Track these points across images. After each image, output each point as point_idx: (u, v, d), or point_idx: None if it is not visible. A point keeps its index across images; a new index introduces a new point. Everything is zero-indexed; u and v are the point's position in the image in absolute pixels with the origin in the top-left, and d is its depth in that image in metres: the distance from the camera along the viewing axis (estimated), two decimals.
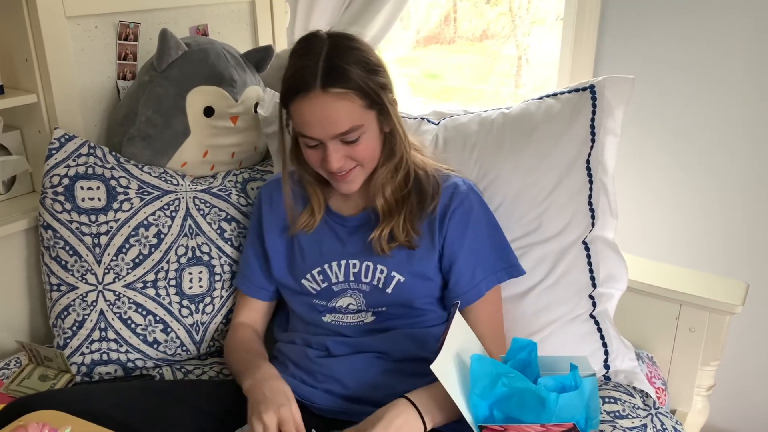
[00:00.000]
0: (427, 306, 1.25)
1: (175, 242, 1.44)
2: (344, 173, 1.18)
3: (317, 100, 1.10)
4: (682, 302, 1.49)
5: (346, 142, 1.14)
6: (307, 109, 1.11)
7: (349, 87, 1.10)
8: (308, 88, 1.09)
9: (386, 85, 1.16)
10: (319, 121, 1.11)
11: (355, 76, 1.10)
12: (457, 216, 1.22)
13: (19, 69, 1.53)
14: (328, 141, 1.13)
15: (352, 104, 1.11)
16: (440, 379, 0.99)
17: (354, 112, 1.12)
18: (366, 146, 1.16)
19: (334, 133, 1.12)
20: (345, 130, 1.12)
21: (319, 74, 1.09)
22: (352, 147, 1.15)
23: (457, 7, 2.88)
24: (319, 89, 1.09)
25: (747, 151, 1.83)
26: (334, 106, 1.10)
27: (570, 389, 0.98)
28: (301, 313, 1.31)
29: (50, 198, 1.41)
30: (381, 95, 1.14)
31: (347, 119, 1.11)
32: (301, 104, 1.11)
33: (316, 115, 1.10)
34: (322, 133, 1.12)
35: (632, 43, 1.91)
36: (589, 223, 1.37)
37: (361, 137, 1.14)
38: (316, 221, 1.28)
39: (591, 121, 1.37)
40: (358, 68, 1.11)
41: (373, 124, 1.16)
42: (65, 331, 1.39)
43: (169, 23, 1.68)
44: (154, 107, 1.49)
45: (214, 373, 1.43)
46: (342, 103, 1.10)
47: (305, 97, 1.10)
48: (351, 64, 1.10)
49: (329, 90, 1.09)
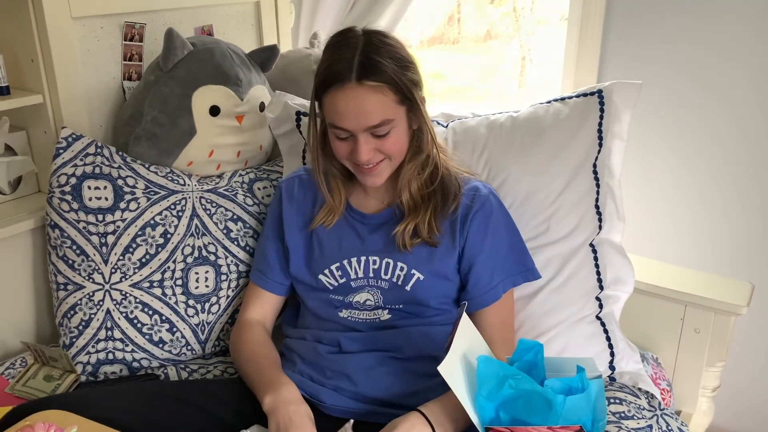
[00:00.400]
0: (442, 306, 1.27)
1: (181, 242, 1.44)
2: (372, 166, 1.20)
3: (352, 92, 1.12)
4: (687, 303, 1.49)
5: (376, 135, 1.16)
6: (342, 100, 1.13)
7: (383, 81, 1.12)
8: (344, 80, 1.12)
9: (417, 82, 1.19)
10: (352, 112, 1.13)
11: (389, 71, 1.12)
12: (478, 218, 1.25)
13: (24, 69, 1.53)
14: (359, 133, 1.15)
15: (385, 98, 1.13)
16: (447, 381, 0.99)
17: (386, 106, 1.14)
18: (395, 141, 1.18)
19: (366, 125, 1.14)
20: (377, 123, 1.14)
21: (355, 67, 1.11)
22: (381, 141, 1.17)
23: (461, 8, 2.88)
24: (355, 81, 1.11)
25: (752, 152, 1.83)
26: (368, 98, 1.12)
27: (577, 391, 0.99)
28: (315, 309, 1.31)
29: (57, 197, 1.41)
30: (412, 91, 1.17)
31: (379, 112, 1.14)
32: (336, 95, 1.13)
33: (350, 106, 1.13)
34: (354, 124, 1.14)
35: (637, 44, 1.90)
36: (597, 226, 1.38)
37: (391, 132, 1.17)
38: (336, 217, 1.29)
39: (599, 126, 1.38)
40: (392, 63, 1.13)
41: (402, 120, 1.18)
42: (71, 330, 1.39)
43: (175, 24, 1.69)
44: (160, 107, 1.49)
45: (218, 372, 1.43)
46: (375, 96, 1.12)
47: (340, 88, 1.12)
48: (385, 58, 1.13)
49: (364, 83, 1.11)
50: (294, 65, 1.78)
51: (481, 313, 1.26)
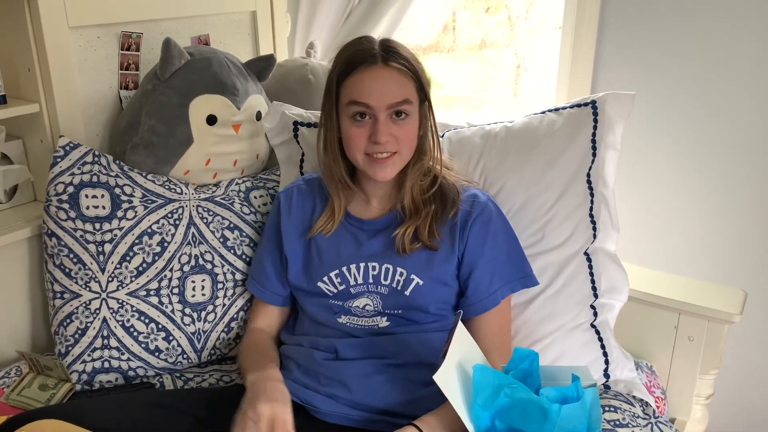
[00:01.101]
0: (441, 312, 1.28)
1: (178, 250, 1.45)
2: (386, 156, 1.22)
3: (379, 71, 1.19)
4: (680, 311, 1.50)
5: (396, 115, 1.20)
6: (368, 78, 1.19)
7: (407, 67, 1.20)
8: (370, 62, 1.19)
9: (429, 83, 1.25)
10: (378, 88, 1.18)
11: (411, 60, 1.21)
12: (477, 225, 1.26)
13: (21, 79, 1.53)
14: (381, 112, 1.19)
15: (408, 81, 1.20)
16: (443, 389, 1.00)
17: (409, 88, 1.21)
18: (410, 129, 1.23)
19: (390, 101, 1.19)
20: (400, 99, 1.19)
21: (379, 53, 1.19)
22: (398, 126, 1.21)
23: (456, 16, 2.90)
24: (381, 63, 1.19)
25: (745, 160, 1.84)
26: (394, 77, 1.19)
27: (572, 400, 0.99)
28: (314, 314, 1.32)
29: (55, 206, 1.41)
30: (426, 89, 1.23)
31: (403, 90, 1.20)
32: (362, 74, 1.19)
33: (377, 82, 1.19)
34: (379, 100, 1.18)
35: (630, 52, 1.92)
36: (591, 235, 1.39)
37: (408, 119, 1.22)
38: (335, 224, 1.31)
39: (592, 136, 1.40)
40: (411, 57, 1.22)
41: (416, 112, 1.23)
42: (67, 338, 1.39)
43: (172, 33, 1.69)
44: (157, 116, 1.50)
45: (213, 380, 1.44)
46: (400, 76, 1.20)
47: (367, 68, 1.19)
48: (405, 51, 1.22)
49: (390, 64, 1.19)
50: (290, 74, 1.79)
51: (480, 319, 1.27)
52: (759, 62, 1.76)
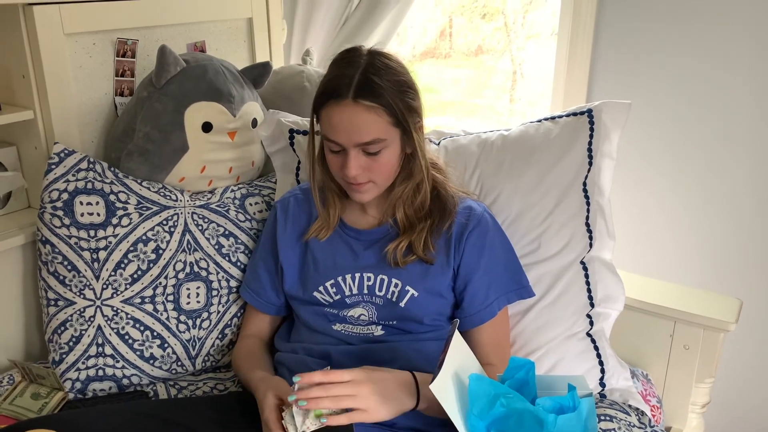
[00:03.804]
0: (435, 322, 1.28)
1: (173, 257, 1.44)
2: (359, 183, 1.21)
3: (347, 108, 1.15)
4: (676, 319, 1.50)
5: (367, 153, 1.18)
6: (337, 115, 1.16)
7: (378, 103, 1.15)
8: (340, 96, 1.15)
9: (414, 109, 1.20)
10: (345, 127, 1.16)
11: (386, 93, 1.15)
12: (474, 237, 1.26)
13: (16, 85, 1.53)
14: (351, 148, 1.17)
15: (379, 118, 1.16)
16: (439, 399, 0.99)
17: (379, 125, 1.16)
18: (385, 162, 1.20)
19: (357, 141, 1.16)
20: (368, 140, 1.16)
21: (353, 86, 1.14)
22: (372, 159, 1.19)
23: (452, 22, 2.90)
24: (350, 99, 1.14)
25: (740, 169, 1.85)
26: (362, 116, 1.15)
27: (568, 410, 0.99)
28: (309, 322, 1.32)
29: (49, 213, 1.41)
30: (407, 117, 1.18)
31: (372, 131, 1.16)
32: (332, 110, 1.16)
33: (344, 121, 1.15)
34: (346, 139, 1.16)
35: (626, 59, 1.92)
36: (587, 244, 1.39)
37: (382, 151, 1.19)
38: (329, 230, 1.31)
39: (588, 145, 1.40)
40: (390, 86, 1.16)
41: (395, 142, 1.20)
42: (61, 346, 1.39)
43: (167, 40, 1.69)
44: (152, 123, 1.50)
45: (208, 388, 1.43)
46: (369, 115, 1.15)
47: (336, 104, 1.15)
48: (384, 81, 1.15)
49: (359, 101, 1.14)
50: (286, 82, 1.79)
51: (477, 330, 1.27)
52: (755, 70, 1.77)
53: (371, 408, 1.03)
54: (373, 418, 1.04)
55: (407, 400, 1.08)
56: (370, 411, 1.03)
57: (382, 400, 1.04)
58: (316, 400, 1.02)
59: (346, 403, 1.03)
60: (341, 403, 1.03)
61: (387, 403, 1.05)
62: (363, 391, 1.03)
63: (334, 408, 1.03)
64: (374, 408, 1.04)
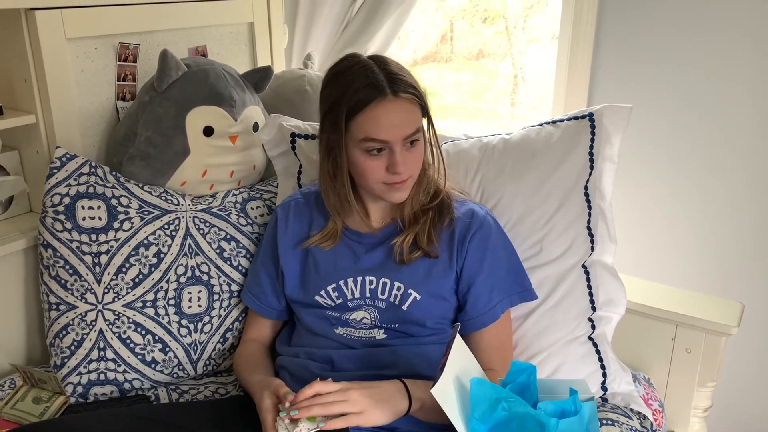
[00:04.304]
0: (438, 326, 1.28)
1: (174, 262, 1.44)
2: (403, 180, 1.21)
3: (392, 104, 1.16)
4: (678, 323, 1.50)
5: (410, 142, 1.20)
6: (383, 113, 1.16)
7: (413, 93, 1.18)
8: (380, 96, 1.15)
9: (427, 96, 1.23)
10: (393, 123, 1.16)
11: (414, 84, 1.19)
12: (476, 239, 1.26)
13: (18, 90, 1.53)
14: (396, 144, 1.18)
15: (416, 108, 1.19)
16: (440, 403, 0.99)
17: (417, 115, 1.20)
18: (419, 153, 1.23)
19: (404, 134, 1.18)
20: (413, 131, 1.18)
21: (386, 83, 1.16)
22: (411, 152, 1.20)
23: (453, 26, 2.91)
24: (392, 95, 1.16)
25: (741, 173, 1.85)
26: (406, 108, 1.17)
27: (570, 414, 0.99)
28: (310, 325, 1.32)
29: (51, 217, 1.41)
30: (427, 106, 1.22)
31: (414, 121, 1.19)
32: (376, 110, 1.16)
33: (391, 118, 1.16)
34: (395, 135, 1.17)
35: (627, 64, 1.92)
36: (589, 248, 1.39)
37: (417, 143, 1.21)
38: (336, 240, 1.31)
39: (590, 149, 1.40)
40: (410, 78, 1.19)
41: (422, 132, 1.23)
42: (63, 350, 1.39)
43: (169, 44, 1.69)
44: (153, 127, 1.50)
45: (209, 392, 1.43)
46: (411, 106, 1.18)
47: (379, 103, 1.15)
48: (405, 74, 1.19)
49: (400, 95, 1.16)
50: (288, 86, 1.79)
51: (480, 334, 1.27)
52: (756, 75, 1.77)
53: (366, 410, 1.05)
54: (369, 420, 1.06)
55: (400, 401, 1.09)
56: (365, 413, 1.05)
57: (374, 402, 1.06)
58: (308, 408, 1.03)
59: (339, 408, 1.04)
60: (333, 408, 1.04)
61: (380, 406, 1.07)
62: (354, 395, 1.05)
63: (327, 414, 1.04)
64: (369, 410, 1.05)
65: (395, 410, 1.09)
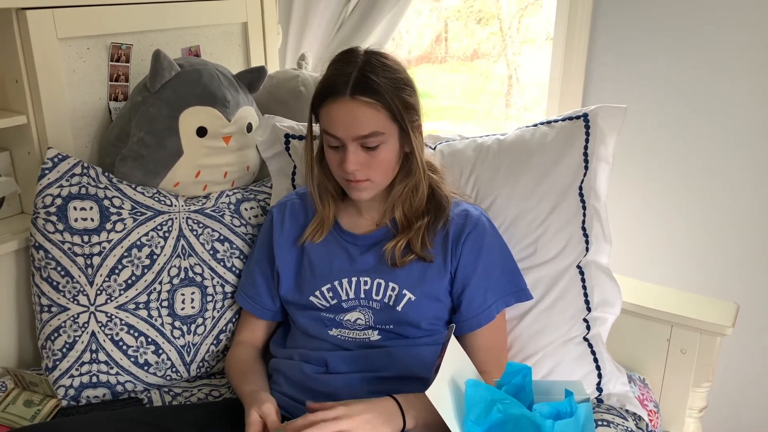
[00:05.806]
0: (432, 327, 1.27)
1: (167, 263, 1.43)
2: (359, 180, 1.22)
3: (346, 104, 1.17)
4: (673, 324, 1.50)
5: (366, 147, 1.19)
6: (335, 110, 1.18)
7: (376, 99, 1.16)
8: (338, 93, 1.16)
9: (412, 105, 1.22)
10: (344, 121, 1.17)
11: (383, 91, 1.16)
12: (471, 240, 1.26)
13: (9, 90, 1.52)
14: (350, 143, 1.18)
15: (377, 113, 1.17)
16: (435, 405, 0.99)
17: (377, 119, 1.18)
18: (383, 158, 1.21)
19: (355, 134, 1.17)
20: (366, 133, 1.17)
21: (351, 83, 1.16)
22: (370, 155, 1.20)
23: (448, 27, 2.91)
24: (348, 96, 1.16)
25: (736, 173, 1.85)
26: (360, 110, 1.17)
27: (565, 416, 0.98)
28: (305, 327, 1.32)
29: (42, 218, 1.40)
30: (404, 114, 1.20)
31: (370, 124, 1.17)
32: (330, 106, 1.18)
33: (342, 116, 1.17)
34: (345, 133, 1.18)
35: (622, 64, 1.93)
36: (584, 248, 1.39)
37: (381, 147, 1.20)
38: (324, 233, 1.31)
39: (584, 149, 1.40)
40: (387, 83, 1.17)
41: (393, 138, 1.21)
42: (55, 353, 1.38)
43: (162, 45, 1.69)
44: (146, 128, 1.49)
45: (202, 395, 1.42)
46: (367, 109, 1.17)
47: (335, 101, 1.17)
48: (381, 78, 1.17)
49: (357, 98, 1.16)
50: (281, 86, 1.79)
51: (475, 334, 1.26)
52: (752, 74, 1.77)
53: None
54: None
55: (395, 418, 1.08)
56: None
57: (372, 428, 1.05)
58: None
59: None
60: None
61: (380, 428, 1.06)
62: (354, 422, 1.03)
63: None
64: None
65: (395, 429, 1.07)
